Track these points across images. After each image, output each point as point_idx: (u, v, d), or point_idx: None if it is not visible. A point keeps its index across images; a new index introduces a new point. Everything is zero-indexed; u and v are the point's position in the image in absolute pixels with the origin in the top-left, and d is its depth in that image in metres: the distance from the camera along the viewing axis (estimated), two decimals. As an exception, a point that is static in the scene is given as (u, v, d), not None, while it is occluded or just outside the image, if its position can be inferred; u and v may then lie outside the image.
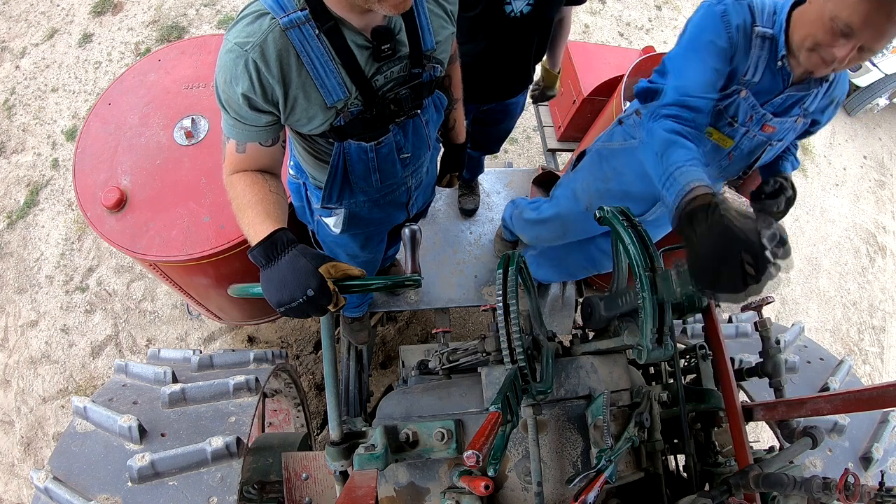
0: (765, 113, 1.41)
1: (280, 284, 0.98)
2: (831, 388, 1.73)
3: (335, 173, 1.34)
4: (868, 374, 3.63)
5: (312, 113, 1.14)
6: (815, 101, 1.43)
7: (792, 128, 1.47)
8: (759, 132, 1.45)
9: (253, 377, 1.57)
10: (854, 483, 0.93)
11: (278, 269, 0.99)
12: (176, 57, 2.15)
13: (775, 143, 1.48)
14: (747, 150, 1.50)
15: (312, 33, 1.05)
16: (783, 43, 1.32)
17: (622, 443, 1.06)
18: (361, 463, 1.01)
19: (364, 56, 1.12)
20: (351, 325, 2.42)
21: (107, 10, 4.00)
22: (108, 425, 1.42)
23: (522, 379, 1.01)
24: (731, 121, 1.43)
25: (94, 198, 1.85)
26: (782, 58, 1.33)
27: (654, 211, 1.77)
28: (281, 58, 1.04)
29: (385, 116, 1.24)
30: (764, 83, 1.38)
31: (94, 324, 3.05)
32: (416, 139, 1.38)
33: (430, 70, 1.25)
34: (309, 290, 0.95)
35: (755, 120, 1.43)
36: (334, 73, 1.10)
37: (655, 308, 0.99)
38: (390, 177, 1.43)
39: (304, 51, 1.06)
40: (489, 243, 2.75)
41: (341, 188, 1.41)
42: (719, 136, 1.47)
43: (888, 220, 4.33)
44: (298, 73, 1.08)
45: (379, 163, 1.35)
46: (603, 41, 4.38)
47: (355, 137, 1.25)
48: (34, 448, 2.78)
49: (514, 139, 3.87)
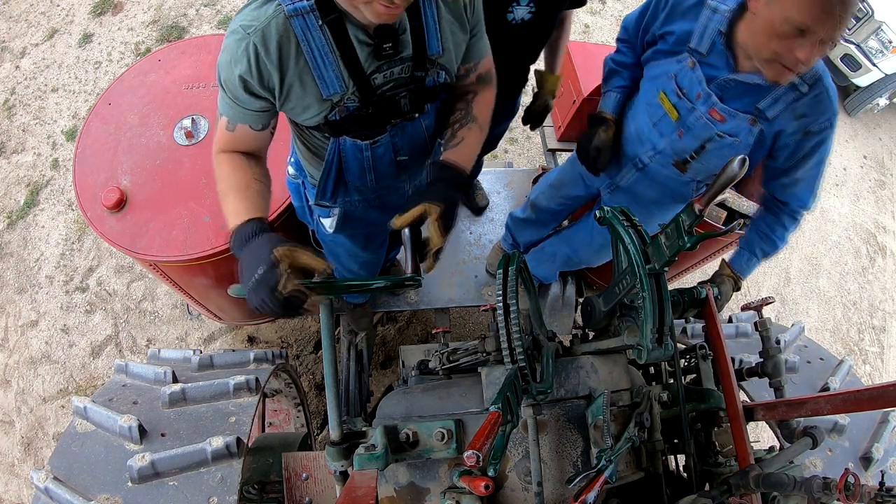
0: (710, 93, 1.43)
1: (244, 267, 1.00)
2: (831, 388, 1.73)
3: (330, 168, 1.35)
4: (868, 374, 3.63)
5: (307, 103, 1.15)
6: (772, 106, 1.38)
7: (746, 129, 1.43)
8: (707, 116, 1.46)
9: (253, 377, 1.57)
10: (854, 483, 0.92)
11: (244, 253, 1.03)
12: (176, 57, 2.15)
13: (727, 138, 1.46)
14: (696, 132, 1.51)
15: (315, 23, 1.06)
16: (727, 21, 1.34)
17: (622, 443, 1.06)
18: (361, 463, 1.01)
19: (365, 52, 1.11)
20: (353, 312, 2.44)
21: (107, 10, 4.00)
22: (108, 425, 1.42)
23: (522, 379, 1.01)
24: (680, 91, 1.48)
25: (94, 198, 1.85)
26: (720, 34, 1.36)
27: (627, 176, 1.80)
28: (281, 44, 1.05)
29: (382, 116, 1.23)
30: (712, 59, 1.41)
31: (95, 324, 3.05)
32: (414, 143, 1.36)
33: (433, 75, 1.22)
34: (259, 268, 0.96)
35: (702, 98, 1.45)
36: (333, 66, 1.10)
37: (656, 308, 0.99)
38: (386, 178, 1.42)
39: (304, 39, 1.06)
40: (489, 243, 2.74)
41: (336, 185, 1.40)
42: (668, 105, 1.53)
43: (888, 220, 4.33)
44: (297, 61, 1.08)
45: (374, 162, 1.35)
46: (603, 41, 4.38)
47: (351, 134, 1.25)
48: (34, 448, 2.78)
49: (514, 139, 3.87)
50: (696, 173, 1.64)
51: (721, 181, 0.87)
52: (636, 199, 1.87)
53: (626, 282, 1.09)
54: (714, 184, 0.88)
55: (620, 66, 1.73)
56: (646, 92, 1.64)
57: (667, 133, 1.58)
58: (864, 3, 4.12)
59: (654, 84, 1.58)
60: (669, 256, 0.96)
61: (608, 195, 1.94)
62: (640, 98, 1.67)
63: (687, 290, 1.35)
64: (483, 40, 1.31)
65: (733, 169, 0.84)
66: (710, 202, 0.90)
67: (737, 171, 0.84)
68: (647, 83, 1.64)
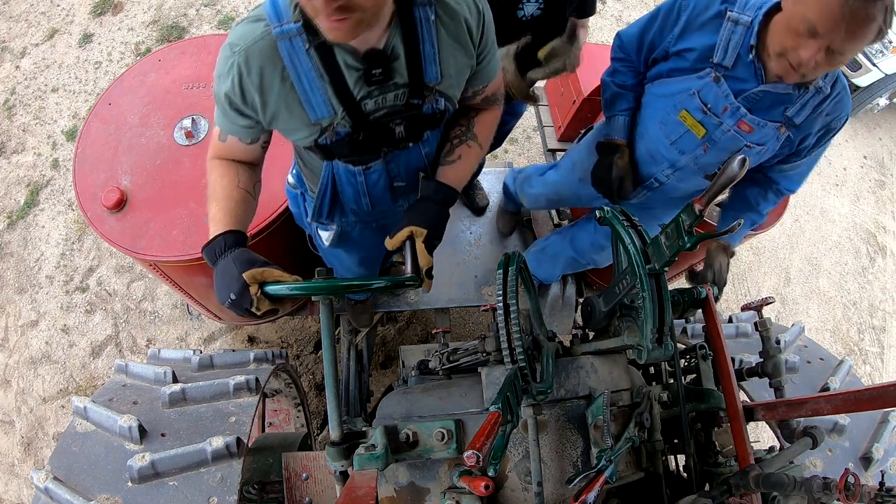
0: (739, 106, 1.41)
1: (216, 286, 1.07)
2: (831, 388, 1.73)
3: (325, 191, 1.34)
4: (868, 374, 3.63)
5: (294, 126, 1.13)
6: (800, 112, 1.39)
7: (774, 136, 1.44)
8: (735, 128, 1.44)
9: (253, 377, 1.56)
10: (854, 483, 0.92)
11: (216, 270, 1.08)
12: (176, 57, 2.14)
13: (754, 146, 1.46)
14: (723, 145, 1.49)
15: (303, 47, 1.03)
16: (756, 33, 1.32)
17: (622, 443, 1.06)
18: (361, 463, 1.01)
19: (354, 77, 1.07)
20: (354, 308, 2.44)
21: (107, 10, 3.99)
22: (108, 425, 1.42)
23: (522, 379, 1.01)
24: (705, 107, 1.44)
25: (95, 198, 1.85)
26: (751, 48, 1.34)
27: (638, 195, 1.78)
28: (264, 67, 1.04)
29: (373, 143, 1.19)
30: (738, 72, 1.39)
31: (95, 324, 3.05)
32: (412, 170, 1.33)
33: (432, 102, 1.17)
34: (231, 293, 1.03)
35: (730, 112, 1.42)
36: (320, 91, 1.07)
37: (655, 308, 0.99)
38: (382, 203, 1.40)
39: (291, 63, 1.04)
40: (489, 243, 2.74)
41: (331, 207, 1.39)
42: (692, 121, 1.48)
43: (888, 220, 4.33)
44: (282, 84, 1.06)
45: (369, 188, 1.33)
46: (603, 41, 4.38)
47: (343, 159, 1.23)
48: (34, 448, 2.78)
49: (515, 139, 3.87)
50: None
51: (721, 181, 0.87)
52: (644, 209, 1.85)
53: (626, 282, 1.09)
54: (714, 184, 0.88)
55: (623, 88, 1.66)
56: (657, 110, 1.58)
57: (689, 150, 1.55)
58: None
59: (669, 102, 1.53)
60: (669, 256, 0.96)
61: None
62: (649, 117, 1.63)
63: (687, 290, 1.35)
64: (493, 63, 1.26)
65: (733, 169, 0.84)
66: (710, 202, 0.90)
67: (737, 171, 0.84)
68: (657, 101, 1.58)
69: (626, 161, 1.68)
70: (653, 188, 1.71)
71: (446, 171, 1.32)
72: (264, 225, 1.83)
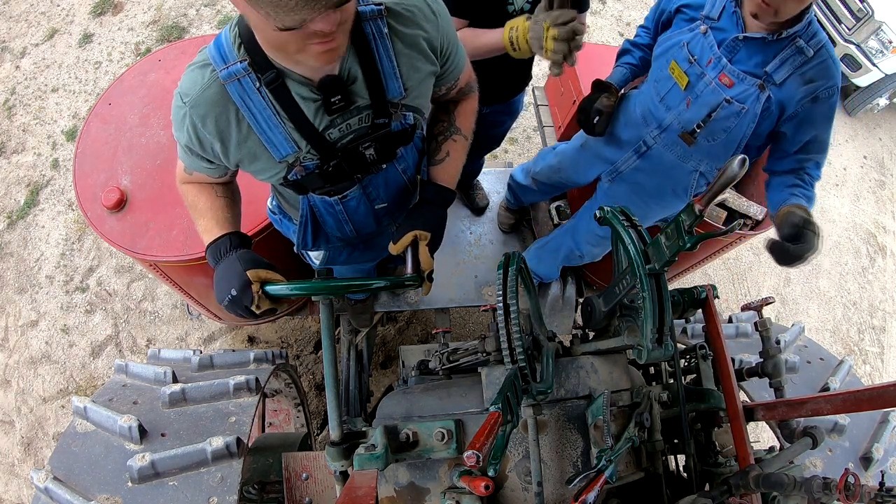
0: (721, 57, 1.49)
1: (217, 283, 1.07)
2: (831, 388, 1.73)
3: (306, 224, 1.31)
4: (868, 374, 3.63)
5: (260, 166, 1.10)
6: (779, 69, 1.44)
7: (754, 95, 1.47)
8: (716, 80, 1.51)
9: (253, 377, 1.57)
10: (854, 483, 0.92)
11: (218, 267, 1.08)
12: (176, 57, 2.14)
13: (735, 104, 1.50)
14: (704, 100, 1.55)
15: (253, 86, 0.97)
16: None
17: (622, 443, 1.06)
18: (361, 463, 1.01)
19: (312, 108, 1.02)
20: (354, 308, 2.44)
21: (107, 10, 4.00)
22: (108, 425, 1.42)
23: (522, 379, 1.01)
24: (691, 57, 1.54)
25: (95, 198, 1.85)
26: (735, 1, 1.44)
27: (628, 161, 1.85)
28: (218, 115, 1.00)
29: (346, 170, 1.15)
30: (723, 23, 1.49)
31: (95, 324, 3.05)
32: (392, 189, 1.30)
33: (399, 119, 1.12)
34: (232, 290, 1.02)
35: (713, 64, 1.50)
36: (279, 128, 1.02)
37: (655, 308, 0.99)
38: (366, 227, 1.38)
39: (244, 105, 0.99)
40: (489, 243, 2.75)
41: (315, 236, 1.37)
42: (679, 72, 1.58)
43: (888, 220, 4.33)
44: (239, 128, 1.02)
45: (349, 215, 1.31)
46: (603, 41, 4.38)
47: (317, 192, 1.20)
48: (34, 448, 2.78)
49: (514, 139, 3.87)
50: (700, 155, 1.66)
51: (721, 181, 0.87)
52: (636, 191, 1.88)
53: (626, 282, 1.09)
54: (714, 184, 0.88)
55: (634, 46, 1.83)
56: (655, 70, 1.70)
57: (674, 105, 1.63)
58: (865, 3, 4.12)
59: (664, 58, 1.64)
60: (669, 256, 0.96)
61: (608, 184, 1.96)
62: (649, 78, 1.74)
63: (687, 290, 1.35)
64: (458, 56, 1.19)
65: (733, 169, 0.85)
66: (710, 202, 0.90)
67: (737, 171, 0.84)
68: (656, 61, 1.70)
69: (612, 102, 1.79)
70: (640, 152, 1.79)
71: (438, 171, 1.30)
72: (261, 227, 1.83)
